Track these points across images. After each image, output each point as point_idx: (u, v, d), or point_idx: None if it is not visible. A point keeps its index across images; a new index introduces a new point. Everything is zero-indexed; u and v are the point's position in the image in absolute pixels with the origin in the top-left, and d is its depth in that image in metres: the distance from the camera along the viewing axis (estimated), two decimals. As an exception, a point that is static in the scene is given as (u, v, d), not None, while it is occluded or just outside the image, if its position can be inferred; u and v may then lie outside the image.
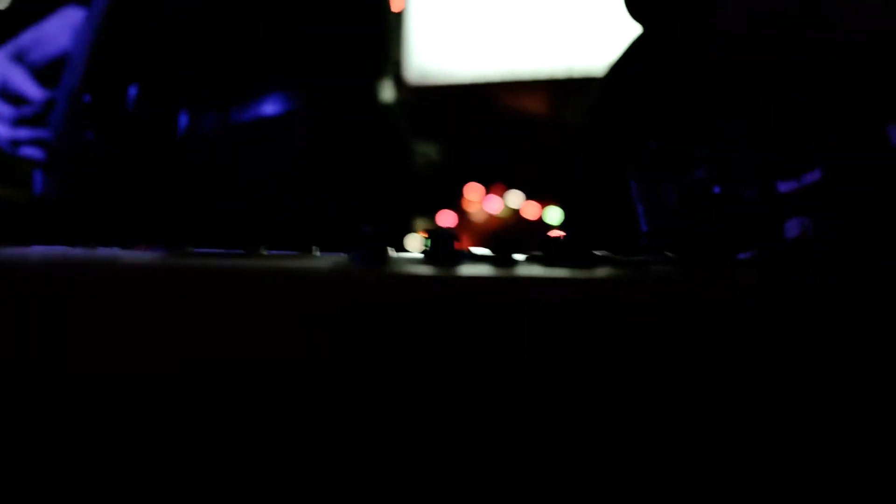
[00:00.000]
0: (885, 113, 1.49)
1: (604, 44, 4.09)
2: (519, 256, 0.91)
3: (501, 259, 0.84)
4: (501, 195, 4.81)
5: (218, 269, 0.70)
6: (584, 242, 0.83)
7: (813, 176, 1.52)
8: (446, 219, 4.94)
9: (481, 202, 4.92)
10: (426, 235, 0.88)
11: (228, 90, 1.83)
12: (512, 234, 1.07)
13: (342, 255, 0.93)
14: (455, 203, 4.99)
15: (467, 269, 0.79)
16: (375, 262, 0.80)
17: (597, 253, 0.92)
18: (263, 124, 1.81)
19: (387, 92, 1.94)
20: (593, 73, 1.74)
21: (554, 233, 0.89)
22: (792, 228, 1.53)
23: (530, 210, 4.67)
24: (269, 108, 1.82)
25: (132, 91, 1.82)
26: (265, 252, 0.94)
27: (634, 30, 1.69)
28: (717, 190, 1.58)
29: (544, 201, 4.62)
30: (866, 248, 1.46)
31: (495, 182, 4.81)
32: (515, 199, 4.61)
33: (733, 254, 0.97)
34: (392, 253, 0.94)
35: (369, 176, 1.86)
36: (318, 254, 0.95)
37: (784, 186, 1.55)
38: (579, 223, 1.69)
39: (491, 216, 4.86)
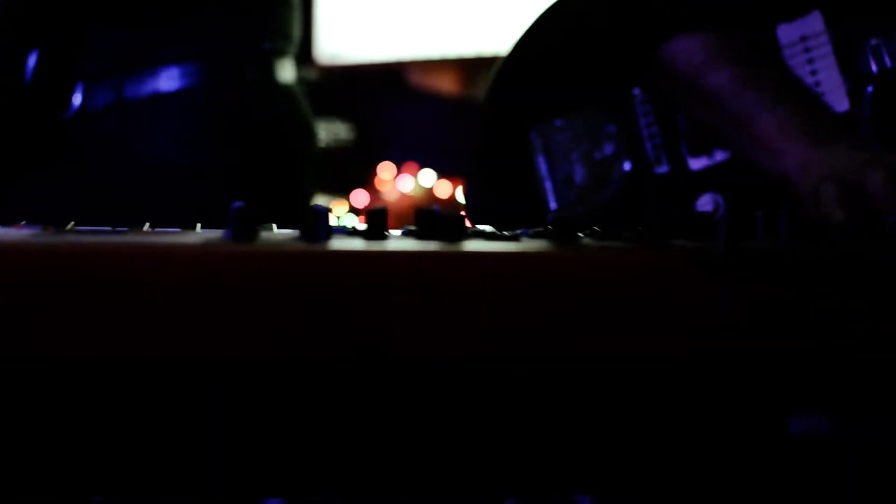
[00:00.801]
0: None
1: (514, 23, 4.09)
2: (394, 231, 0.92)
3: (373, 233, 0.84)
4: (414, 174, 4.81)
5: (68, 245, 0.70)
6: (458, 217, 0.84)
7: (724, 153, 1.53)
8: (359, 198, 4.93)
9: (394, 181, 4.91)
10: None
11: (122, 59, 1.81)
12: (384, 209, 1.07)
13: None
14: (368, 182, 4.98)
15: (336, 244, 0.80)
16: (244, 238, 0.81)
17: (480, 228, 0.93)
18: (159, 100, 1.79)
19: (286, 71, 1.93)
20: (503, 53, 1.73)
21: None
22: (704, 204, 1.55)
23: (443, 189, 4.68)
24: (165, 83, 1.80)
25: (31, 61, 1.80)
26: (148, 229, 0.95)
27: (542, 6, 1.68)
28: (627, 166, 1.59)
29: (457, 180, 4.63)
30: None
31: (408, 161, 4.80)
32: (428, 177, 4.61)
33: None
34: (273, 229, 0.94)
35: (264, 154, 1.85)
36: (199, 230, 0.95)
37: (695, 163, 1.56)
38: (478, 198, 1.68)
39: (404, 195, 4.86)
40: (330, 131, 4.66)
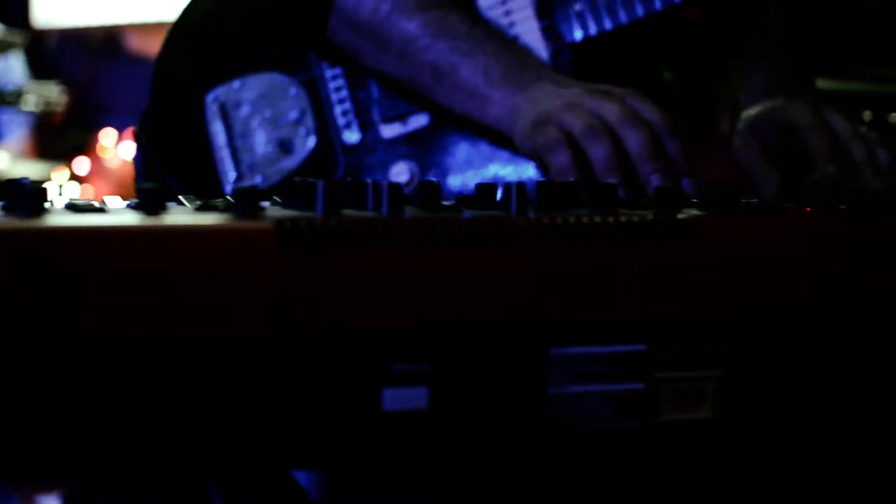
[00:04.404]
0: None
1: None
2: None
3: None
4: (133, 134, 4.69)
5: None
6: (40, 190, 0.79)
7: (419, 120, 1.51)
8: (81, 165, 4.80)
9: (116, 148, 4.81)
10: None
11: None
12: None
13: None
14: (89, 149, 4.86)
15: None
16: None
17: (81, 201, 0.88)
18: None
19: None
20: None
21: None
22: (399, 173, 1.52)
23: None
24: None
25: None
26: None
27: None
28: (313, 133, 1.54)
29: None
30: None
31: (130, 126, 4.69)
32: (150, 144, 4.51)
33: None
34: None
35: None
36: None
37: (388, 130, 1.52)
38: (145, 167, 1.62)
39: (126, 162, 4.75)
40: (41, 95, 4.51)
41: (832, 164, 1.23)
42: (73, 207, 0.85)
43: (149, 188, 0.80)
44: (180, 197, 0.95)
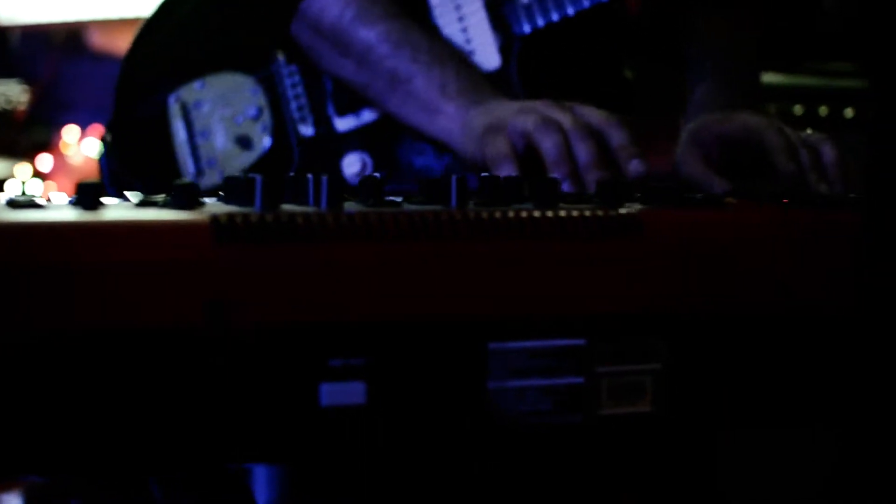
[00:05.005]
0: None
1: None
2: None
3: None
4: (100, 137, 4.67)
5: None
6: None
7: (372, 113, 1.52)
8: (44, 162, 4.77)
9: (79, 144, 4.78)
10: None
11: None
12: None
13: None
14: (53, 146, 4.84)
15: None
16: None
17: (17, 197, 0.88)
18: None
19: None
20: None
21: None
22: (350, 164, 1.53)
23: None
24: None
25: None
26: None
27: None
28: (270, 129, 1.55)
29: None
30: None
31: (93, 123, 4.68)
32: (113, 141, 4.48)
33: None
34: None
35: None
36: None
37: (342, 124, 1.53)
38: (109, 165, 1.63)
39: (89, 158, 4.73)
40: (2, 93, 4.48)
41: (792, 161, 1.24)
42: (12, 204, 0.85)
43: (88, 184, 0.80)
44: (125, 192, 0.95)
